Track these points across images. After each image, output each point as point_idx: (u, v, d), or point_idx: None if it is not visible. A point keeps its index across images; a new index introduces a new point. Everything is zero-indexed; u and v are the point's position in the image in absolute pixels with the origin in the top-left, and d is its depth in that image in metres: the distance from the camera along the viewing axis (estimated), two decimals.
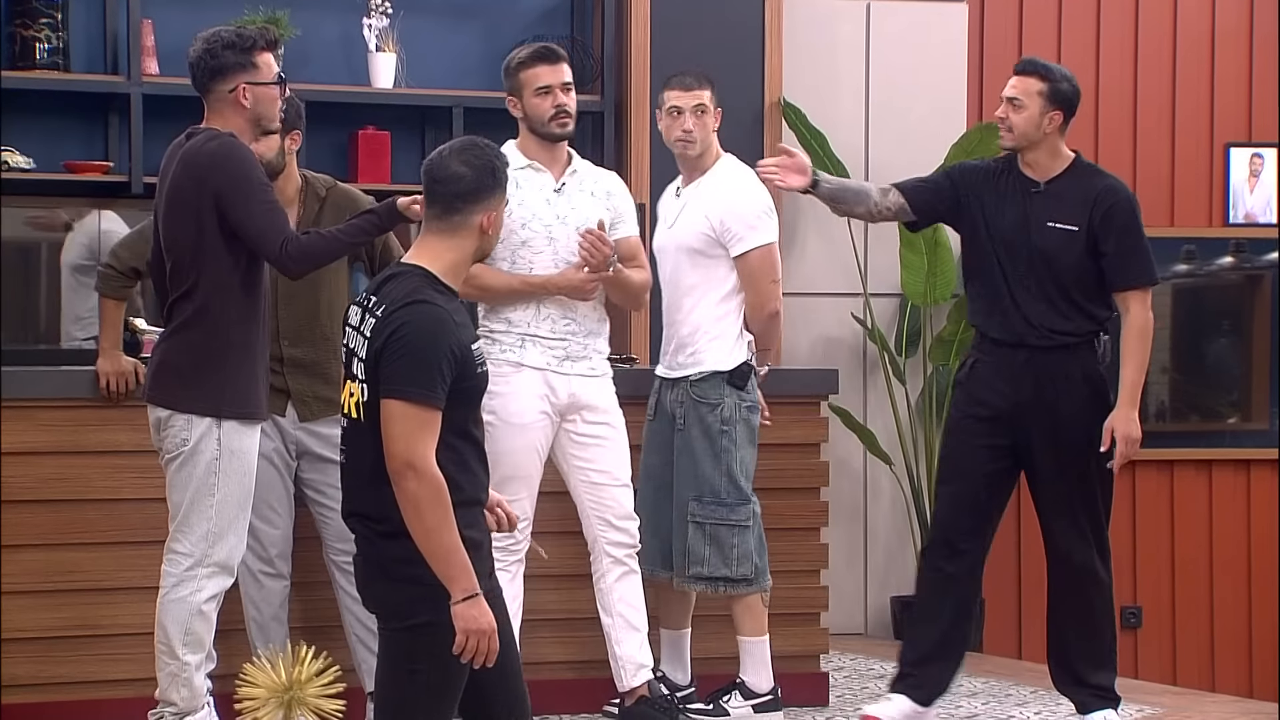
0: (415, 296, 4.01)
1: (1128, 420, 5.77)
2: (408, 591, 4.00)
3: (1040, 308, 5.76)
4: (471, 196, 4.08)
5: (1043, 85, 5.80)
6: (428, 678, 4.01)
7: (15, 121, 7.42)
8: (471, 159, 4.09)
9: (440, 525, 3.93)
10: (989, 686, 6.90)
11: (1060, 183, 5.82)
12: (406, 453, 3.94)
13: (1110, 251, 5.76)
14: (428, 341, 3.96)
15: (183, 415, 5.21)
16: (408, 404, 3.95)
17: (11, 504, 5.76)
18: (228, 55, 5.20)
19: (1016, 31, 8.89)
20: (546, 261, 5.77)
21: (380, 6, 7.79)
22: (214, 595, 5.25)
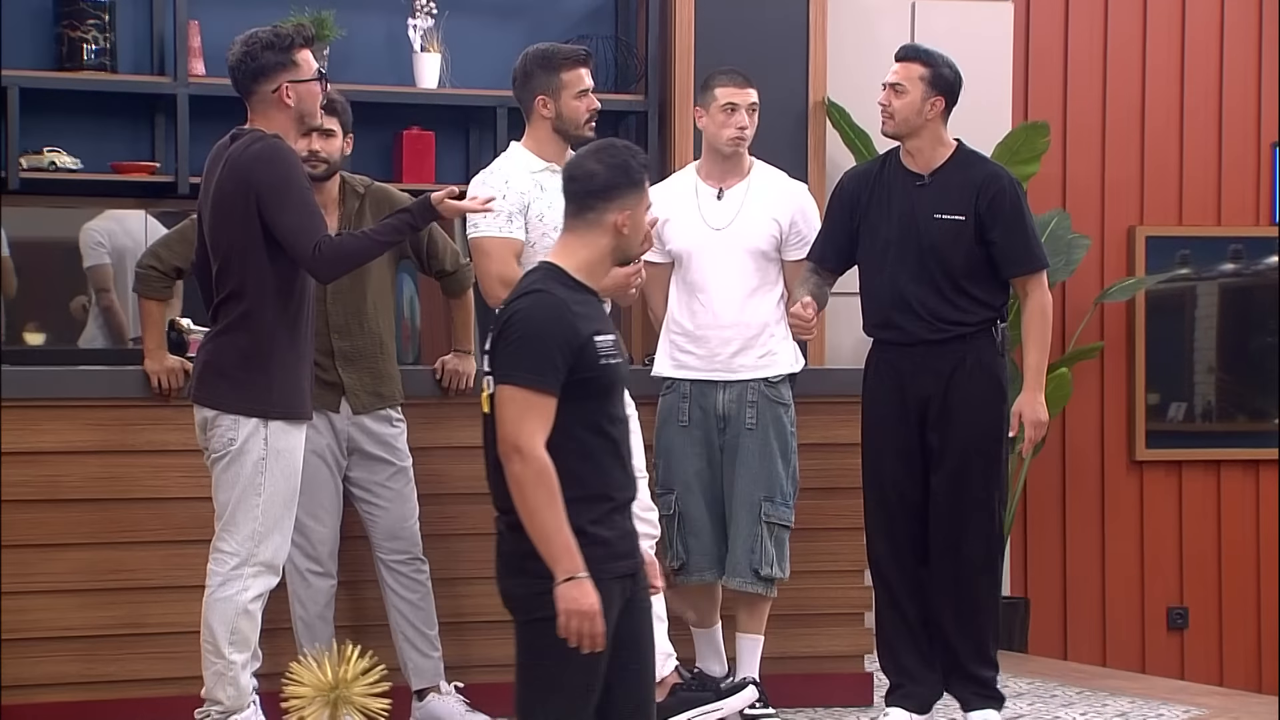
0: (533, 287, 4.07)
1: (1034, 404, 5.73)
2: (532, 585, 4.01)
3: (934, 301, 5.70)
4: (603, 194, 4.10)
5: (924, 70, 5.75)
6: (558, 671, 4.01)
7: (63, 122, 7.46)
8: (606, 157, 4.13)
9: (542, 507, 3.96)
10: (1034, 687, 6.88)
11: (944, 173, 5.77)
12: (513, 435, 3.97)
13: (998, 239, 5.72)
14: (539, 328, 3.99)
15: (229, 415, 5.23)
16: (516, 388, 3.98)
17: (59, 502, 5.78)
18: (268, 56, 5.22)
19: (1062, 29, 8.86)
20: None
21: (425, 7, 7.80)
22: (260, 594, 5.27)
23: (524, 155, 5.82)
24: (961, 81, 5.84)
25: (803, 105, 8.11)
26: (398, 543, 5.85)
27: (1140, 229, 8.97)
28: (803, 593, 6.31)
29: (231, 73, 5.29)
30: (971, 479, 5.73)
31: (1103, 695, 6.73)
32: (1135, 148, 8.97)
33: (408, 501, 5.88)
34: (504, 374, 4.01)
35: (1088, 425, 8.94)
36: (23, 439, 5.75)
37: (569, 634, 3.95)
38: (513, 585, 4.10)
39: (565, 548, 3.96)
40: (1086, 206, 8.88)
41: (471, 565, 6.12)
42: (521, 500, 3.98)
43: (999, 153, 8.25)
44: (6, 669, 5.73)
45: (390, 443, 5.86)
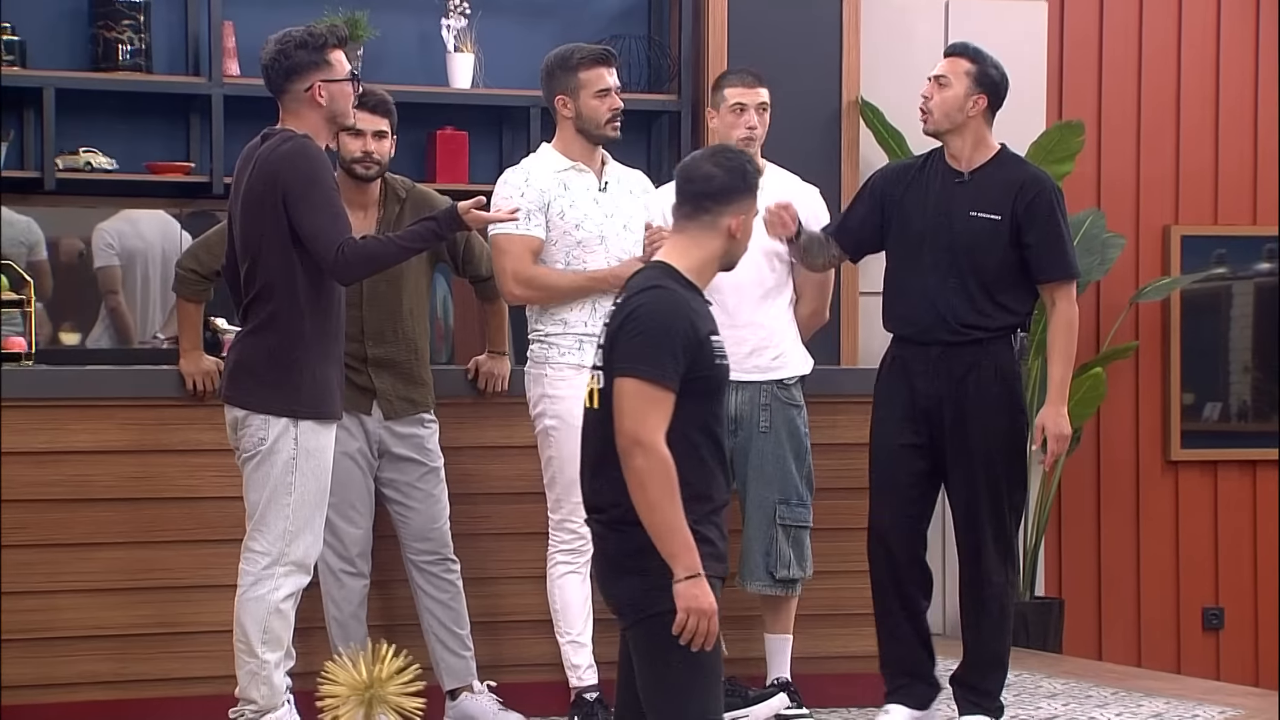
0: (653, 283, 4.07)
1: (1058, 417, 5.67)
2: (642, 583, 3.98)
3: (958, 300, 5.63)
4: (720, 197, 4.12)
5: (971, 66, 5.68)
6: (684, 666, 3.97)
7: (98, 123, 7.49)
8: (724, 161, 4.14)
9: (663, 501, 3.93)
10: (1069, 688, 6.87)
11: (984, 173, 5.69)
12: (635, 429, 3.95)
13: (1033, 243, 5.64)
14: (661, 322, 3.99)
15: (259, 415, 5.25)
16: (639, 381, 3.96)
17: (92, 502, 5.80)
18: (301, 55, 5.23)
19: (1097, 28, 8.84)
20: (599, 260, 5.75)
21: (459, 7, 7.82)
22: (291, 593, 5.28)
23: (550, 155, 5.83)
24: (1008, 85, 5.75)
25: (836, 105, 8.10)
26: (428, 543, 5.86)
27: (1176, 228, 8.94)
28: (835, 593, 6.31)
29: (264, 71, 5.30)
30: (988, 488, 5.67)
31: (1137, 696, 6.71)
32: (1170, 146, 8.94)
33: (438, 502, 5.88)
34: (626, 367, 3.98)
35: (1122, 425, 8.91)
36: (56, 438, 5.77)
37: (686, 632, 3.92)
38: (621, 589, 4.04)
39: (685, 544, 3.93)
40: (1122, 206, 8.85)
41: (503, 565, 6.13)
42: (642, 494, 3.94)
43: (1033, 152, 8.23)
44: (39, 668, 5.75)
45: (421, 444, 5.87)
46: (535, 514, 6.03)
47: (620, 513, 4.00)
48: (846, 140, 8.09)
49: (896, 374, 5.77)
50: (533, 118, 7.80)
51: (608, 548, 4.07)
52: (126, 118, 7.55)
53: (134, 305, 7.58)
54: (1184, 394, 8.95)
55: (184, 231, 7.63)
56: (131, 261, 7.55)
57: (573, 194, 5.74)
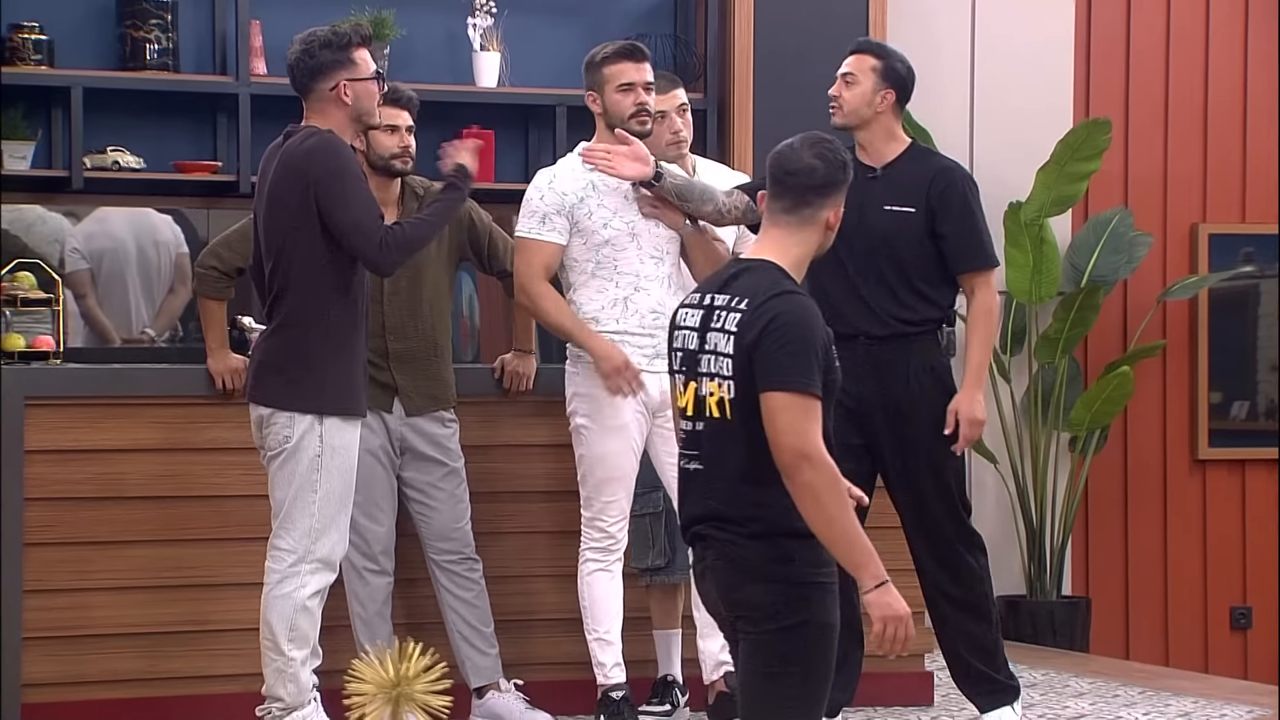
0: (783, 287, 3.94)
1: (972, 402, 5.65)
2: (779, 593, 3.90)
3: (881, 295, 5.63)
4: (823, 190, 4.00)
5: (877, 63, 5.69)
6: (801, 678, 3.91)
7: (126, 122, 7.51)
8: (824, 152, 4.01)
9: (841, 512, 3.83)
10: (1096, 687, 6.85)
11: (897, 167, 5.70)
12: (800, 443, 3.82)
13: (948, 234, 5.64)
14: (805, 331, 3.88)
15: (284, 413, 5.26)
16: (794, 394, 3.84)
17: (122, 500, 5.82)
18: (326, 54, 5.25)
19: (1124, 25, 8.82)
20: (630, 258, 5.73)
21: (485, 6, 7.82)
22: (318, 591, 5.29)
23: None
24: (914, 77, 5.75)
25: None
26: (449, 543, 5.87)
27: (1203, 226, 8.91)
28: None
29: (290, 71, 5.32)
30: (928, 482, 5.68)
31: (1165, 695, 6.69)
32: (1198, 144, 8.92)
33: (460, 502, 5.89)
34: (779, 380, 3.84)
35: (1150, 424, 8.89)
36: (84, 437, 5.79)
37: (884, 640, 3.83)
38: (759, 592, 3.92)
39: (868, 553, 3.84)
40: (1149, 204, 8.83)
41: (527, 563, 6.13)
42: (818, 508, 3.82)
43: (1060, 150, 8.22)
44: (68, 665, 5.77)
45: (443, 443, 5.88)
46: (560, 512, 6.03)
47: (764, 526, 3.90)
48: None
49: None
50: (559, 116, 7.80)
51: (742, 554, 3.93)
52: (154, 117, 7.57)
53: (112, 303, 7.57)
54: (1211, 392, 8.93)
55: (176, 226, 7.63)
56: (101, 262, 7.54)
57: (600, 193, 5.74)
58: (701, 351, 3.96)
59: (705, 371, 3.95)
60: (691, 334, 3.99)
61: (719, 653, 5.84)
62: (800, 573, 3.89)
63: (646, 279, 5.73)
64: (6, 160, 7.31)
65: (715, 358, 3.94)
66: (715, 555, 3.96)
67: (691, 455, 4.00)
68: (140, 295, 7.55)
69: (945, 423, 5.64)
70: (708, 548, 3.98)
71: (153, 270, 7.54)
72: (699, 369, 3.96)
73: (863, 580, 3.83)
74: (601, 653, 5.77)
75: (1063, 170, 8.22)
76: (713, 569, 3.97)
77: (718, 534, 3.95)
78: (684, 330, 4.01)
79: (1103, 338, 8.75)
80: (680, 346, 4.02)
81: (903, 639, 3.84)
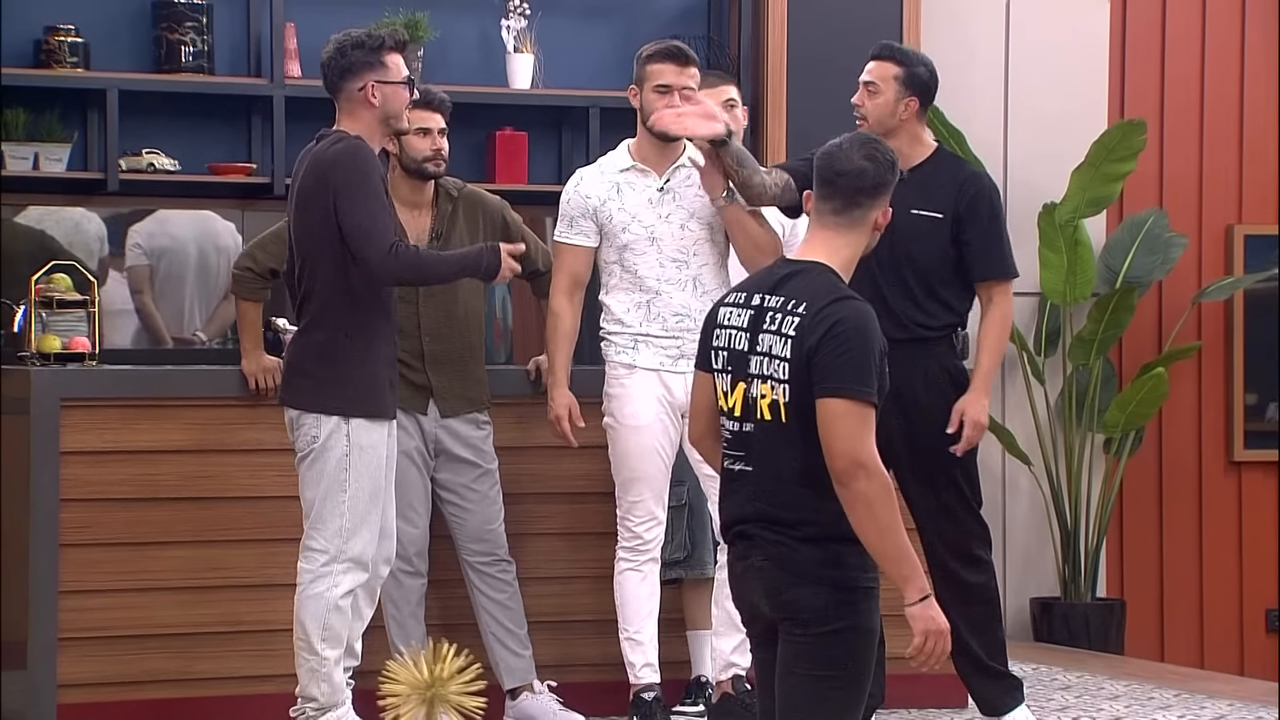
0: (842, 292, 3.93)
1: (977, 405, 5.66)
2: (829, 596, 3.89)
3: (902, 298, 5.65)
4: (874, 191, 3.98)
5: (898, 70, 5.69)
6: (844, 682, 3.91)
7: (161, 124, 7.53)
8: (874, 152, 3.98)
9: (894, 524, 3.82)
10: (1130, 690, 6.83)
11: (923, 171, 5.70)
12: (856, 451, 3.81)
13: (971, 241, 5.66)
14: (865, 338, 3.86)
15: (311, 414, 5.29)
16: (852, 402, 3.82)
17: (157, 501, 5.84)
18: (357, 54, 5.28)
19: (1159, 25, 8.79)
20: (651, 262, 5.71)
21: (518, 8, 7.83)
22: (350, 590, 5.31)
23: (619, 154, 5.81)
24: (937, 80, 5.76)
25: None
26: (483, 544, 5.87)
27: (1239, 227, 8.88)
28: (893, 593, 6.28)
29: (322, 70, 5.37)
30: (941, 483, 5.71)
31: (1200, 698, 6.67)
32: (1234, 145, 8.88)
33: (494, 504, 5.90)
34: (836, 386, 3.82)
35: (1185, 425, 8.86)
36: (120, 438, 5.81)
37: (924, 653, 3.85)
38: (808, 595, 3.90)
39: (916, 566, 3.84)
40: (1184, 205, 8.80)
41: (562, 564, 6.14)
42: (871, 519, 3.81)
43: (1095, 151, 8.20)
44: (105, 665, 5.79)
45: (477, 445, 5.89)
46: (594, 514, 6.04)
47: (817, 529, 3.89)
48: None
49: None
50: (592, 118, 7.80)
51: (792, 556, 3.91)
52: (189, 119, 7.59)
53: (168, 303, 7.61)
54: (1247, 394, 8.89)
55: (239, 233, 7.66)
56: (160, 260, 7.58)
57: (625, 196, 5.73)
58: (753, 352, 3.93)
59: (756, 373, 3.92)
60: (739, 334, 3.95)
61: (730, 653, 5.82)
62: (849, 577, 3.88)
63: (667, 283, 5.72)
64: (43, 162, 7.34)
65: (769, 360, 3.91)
66: (763, 556, 3.93)
67: (738, 456, 3.97)
68: (195, 297, 7.59)
69: (947, 418, 5.66)
70: (753, 548, 3.95)
71: (211, 274, 7.58)
72: (749, 370, 3.93)
73: (908, 593, 3.83)
74: (632, 653, 5.77)
75: (1097, 171, 8.20)
76: (760, 570, 3.95)
77: (767, 535, 3.93)
78: (730, 330, 3.98)
79: (1137, 339, 8.72)
80: (725, 346, 3.98)
81: (941, 653, 3.85)
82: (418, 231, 5.83)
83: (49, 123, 7.37)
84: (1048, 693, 6.71)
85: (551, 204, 5.98)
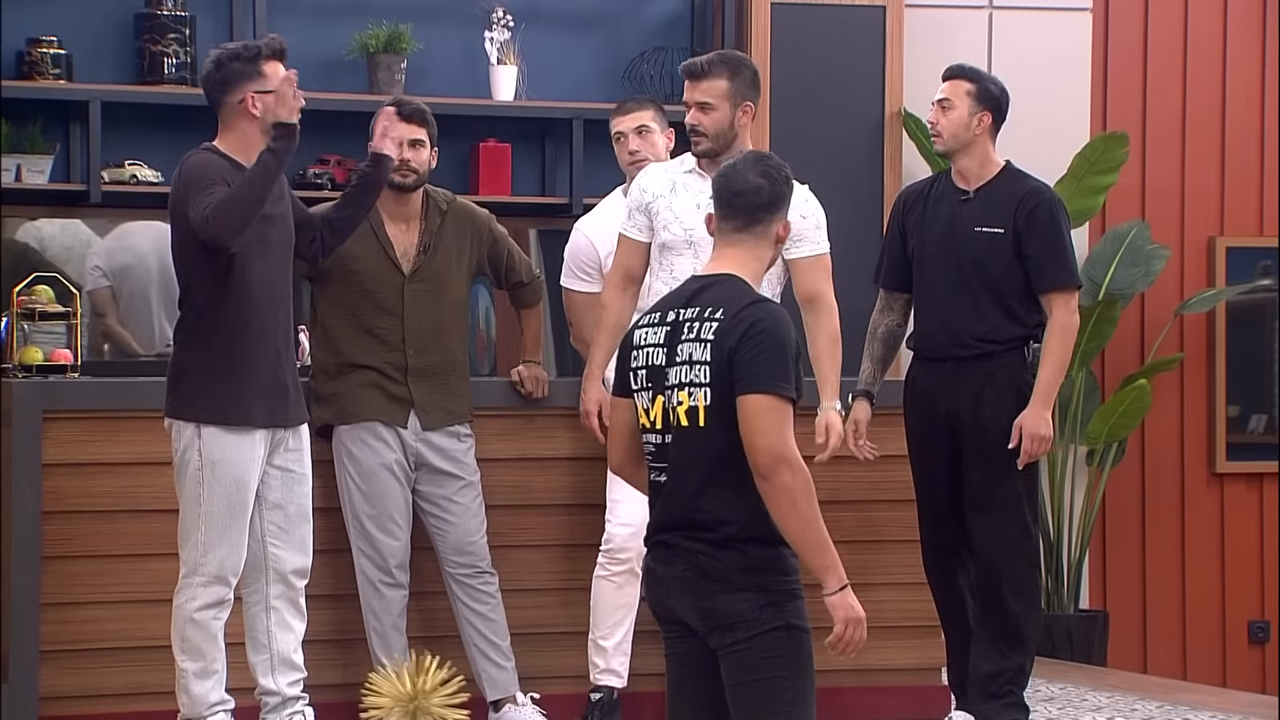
0: (756, 296, 4.03)
1: (1038, 419, 5.71)
2: (754, 600, 3.94)
3: (969, 315, 5.73)
4: (771, 206, 4.09)
5: (971, 86, 5.82)
6: (789, 684, 3.96)
7: (143, 136, 7.53)
8: (768, 169, 4.11)
9: (815, 517, 3.90)
10: (1114, 701, 6.83)
11: (989, 188, 5.82)
12: (778, 446, 3.88)
13: (1032, 253, 5.74)
14: (783, 338, 3.95)
15: (170, 421, 5.34)
16: (773, 398, 3.90)
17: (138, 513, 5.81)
18: (235, 66, 5.29)
19: (1141, 39, 8.81)
20: (685, 265, 5.67)
21: (502, 20, 7.83)
22: (208, 605, 5.27)
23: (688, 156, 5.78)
24: (1008, 97, 5.89)
25: (879, 116, 8.09)
26: (465, 557, 5.86)
27: (1220, 239, 8.90)
28: (879, 605, 6.28)
29: (202, 84, 5.40)
30: (1002, 497, 5.75)
31: (1183, 709, 6.68)
32: (1215, 158, 8.90)
33: (475, 516, 5.89)
34: (757, 383, 3.91)
35: (1168, 437, 8.87)
36: (103, 450, 5.79)
37: (843, 641, 3.93)
38: (731, 605, 3.96)
39: (835, 558, 3.92)
40: (1166, 217, 8.82)
41: (544, 576, 6.12)
42: (794, 512, 3.89)
43: (1077, 163, 8.22)
44: (86, 678, 5.78)
45: (458, 458, 5.88)
46: (576, 525, 6.04)
47: (733, 530, 3.95)
48: (889, 151, 8.08)
49: (915, 393, 5.90)
50: (576, 130, 7.80)
51: (714, 565, 3.96)
52: (171, 131, 7.57)
53: (136, 319, 7.55)
54: (1229, 406, 8.91)
55: None
56: (124, 278, 7.52)
57: (677, 196, 5.73)
58: (670, 364, 4.00)
59: (675, 383, 3.99)
60: (656, 350, 4.03)
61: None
62: (771, 581, 3.94)
63: None
64: (25, 174, 7.33)
65: (688, 367, 3.99)
66: (685, 566, 3.99)
67: (660, 468, 4.04)
68: (163, 311, 7.54)
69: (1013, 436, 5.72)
70: (675, 556, 4.01)
71: (175, 286, 7.50)
72: (666, 382, 4.00)
73: (829, 583, 3.92)
74: (595, 655, 5.81)
75: (1080, 183, 8.22)
76: (683, 579, 4.00)
77: (688, 544, 3.99)
78: (647, 349, 4.05)
79: (1120, 351, 8.74)
80: (643, 364, 4.05)
81: (859, 640, 3.95)
82: (405, 246, 5.83)
83: (31, 134, 7.37)
84: (1031, 704, 6.70)
85: (534, 215, 5.99)
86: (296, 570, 5.45)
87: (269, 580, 5.42)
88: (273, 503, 5.40)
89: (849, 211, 8.03)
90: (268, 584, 5.42)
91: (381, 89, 7.64)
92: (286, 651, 5.43)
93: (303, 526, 5.45)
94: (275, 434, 5.37)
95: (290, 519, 5.42)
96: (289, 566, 5.43)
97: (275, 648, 5.43)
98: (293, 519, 5.43)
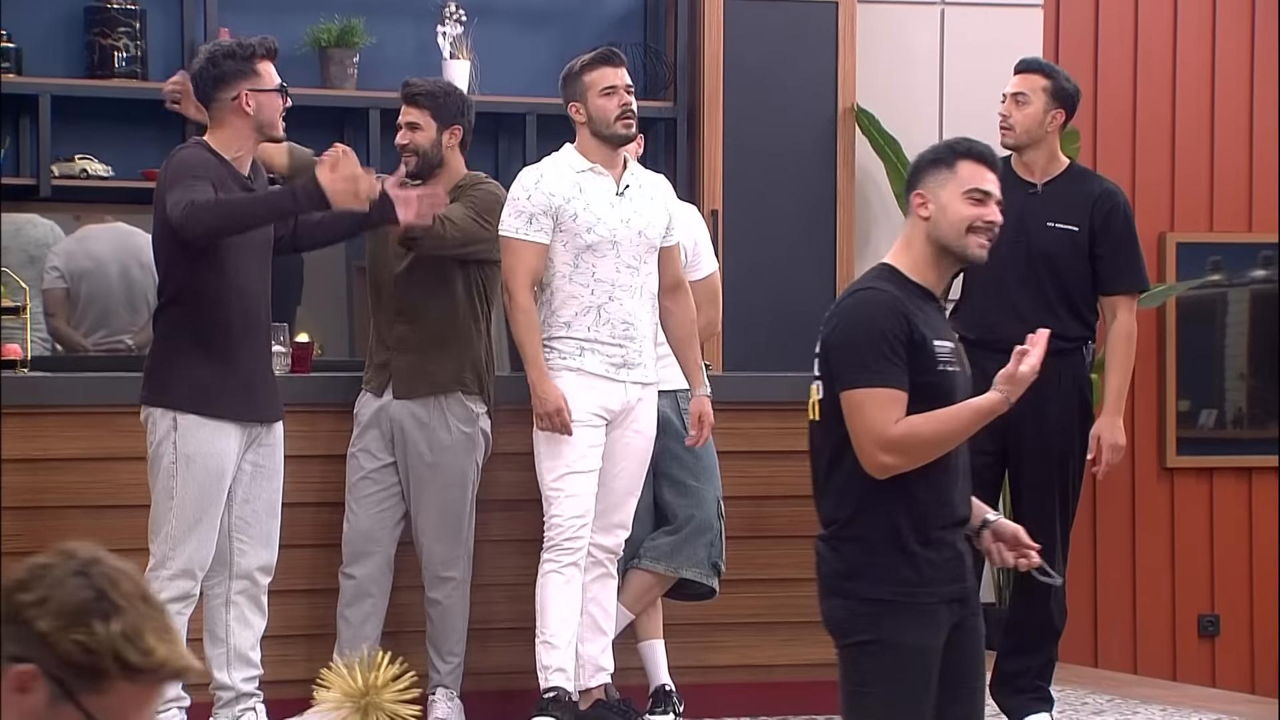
0: (858, 286, 3.95)
1: (1114, 428, 5.76)
2: (844, 606, 3.87)
3: (1039, 311, 5.67)
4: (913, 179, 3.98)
5: (1047, 82, 5.78)
6: (877, 698, 3.85)
7: (94, 130, 7.49)
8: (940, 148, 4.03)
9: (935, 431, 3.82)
10: (1064, 694, 6.86)
11: (1057, 184, 5.80)
12: (877, 437, 3.80)
13: (1105, 254, 5.74)
14: (866, 325, 3.83)
15: (146, 410, 5.32)
16: (858, 390, 3.81)
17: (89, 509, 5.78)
18: (229, 64, 5.29)
19: (1092, 36, 8.85)
20: (609, 265, 5.68)
21: (455, 14, 7.82)
22: (173, 599, 5.21)
23: (571, 155, 5.77)
24: (1080, 96, 5.88)
25: (832, 111, 8.10)
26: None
27: (1171, 235, 8.94)
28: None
29: (193, 81, 5.37)
30: (1060, 498, 5.79)
31: (1133, 703, 6.71)
32: (1166, 154, 8.95)
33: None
34: (845, 379, 3.83)
35: None
36: (52, 445, 5.77)
37: None
38: (832, 607, 3.90)
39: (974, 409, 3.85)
40: None
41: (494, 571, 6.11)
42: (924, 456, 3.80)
43: None
44: None
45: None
46: (522, 521, 6.02)
47: (837, 528, 3.89)
48: (842, 147, 8.09)
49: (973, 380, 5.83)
50: (529, 125, 7.80)
51: (824, 566, 3.91)
52: (122, 125, 7.55)
53: (93, 321, 7.48)
54: (1180, 401, 8.95)
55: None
56: (80, 282, 7.45)
57: (588, 196, 5.70)
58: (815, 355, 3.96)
59: (812, 375, 3.95)
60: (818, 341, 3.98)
61: (599, 657, 5.83)
62: (865, 589, 3.85)
63: (621, 288, 5.70)
64: None
65: (815, 360, 3.95)
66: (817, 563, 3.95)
67: None
68: (123, 310, 7.49)
69: (1081, 438, 5.74)
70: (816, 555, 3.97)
71: (137, 291, 7.43)
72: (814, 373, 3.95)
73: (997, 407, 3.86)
74: (544, 655, 5.71)
75: None
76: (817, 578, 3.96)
77: (818, 544, 3.96)
78: None
79: None
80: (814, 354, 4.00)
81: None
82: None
83: None
84: None
85: None
86: (261, 567, 5.44)
87: (232, 575, 5.41)
88: (242, 498, 5.39)
89: (802, 207, 8.05)
90: (231, 578, 5.41)
91: (334, 84, 7.62)
92: (244, 648, 5.41)
93: (270, 523, 5.44)
94: (251, 430, 5.36)
95: (258, 514, 5.41)
96: (254, 563, 5.41)
97: (233, 643, 5.41)
98: (260, 515, 5.41)
